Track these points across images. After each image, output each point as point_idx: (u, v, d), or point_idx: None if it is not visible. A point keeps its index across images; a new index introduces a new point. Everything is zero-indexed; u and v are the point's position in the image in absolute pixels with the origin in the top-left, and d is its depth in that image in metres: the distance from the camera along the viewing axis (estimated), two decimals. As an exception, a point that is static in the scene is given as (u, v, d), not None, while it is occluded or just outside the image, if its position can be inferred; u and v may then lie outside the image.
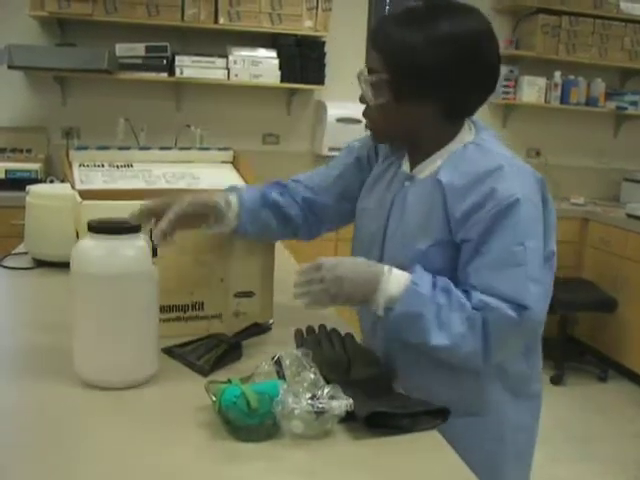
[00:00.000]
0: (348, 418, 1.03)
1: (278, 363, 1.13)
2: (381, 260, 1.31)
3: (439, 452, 1.02)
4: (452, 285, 1.19)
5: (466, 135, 1.30)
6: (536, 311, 1.18)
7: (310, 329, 1.38)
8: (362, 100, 1.30)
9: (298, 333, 1.37)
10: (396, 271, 1.21)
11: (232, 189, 1.42)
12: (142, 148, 1.75)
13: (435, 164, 1.29)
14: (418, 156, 1.33)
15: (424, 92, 1.23)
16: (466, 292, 1.19)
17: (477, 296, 1.17)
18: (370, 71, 1.26)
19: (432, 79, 1.21)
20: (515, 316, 1.16)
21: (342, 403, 1.01)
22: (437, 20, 1.20)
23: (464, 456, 1.03)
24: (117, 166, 1.55)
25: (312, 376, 1.07)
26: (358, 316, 1.50)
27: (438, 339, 1.16)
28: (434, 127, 1.28)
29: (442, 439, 1.06)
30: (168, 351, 1.32)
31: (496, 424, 1.33)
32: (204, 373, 1.23)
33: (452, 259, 1.24)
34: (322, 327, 1.39)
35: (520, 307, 1.16)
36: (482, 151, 1.25)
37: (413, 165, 1.34)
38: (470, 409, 1.30)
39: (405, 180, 1.34)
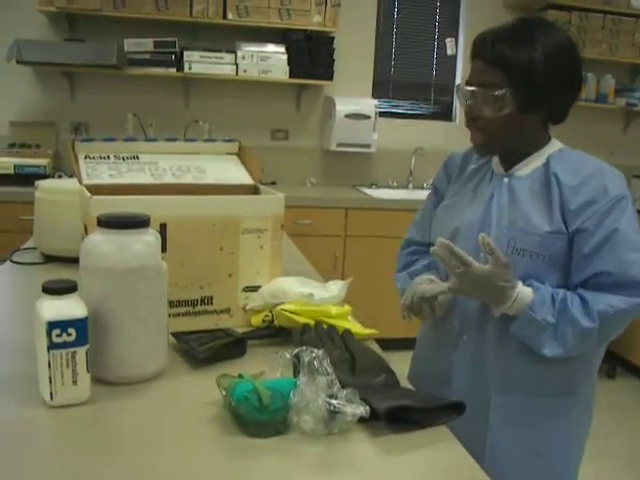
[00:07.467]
0: (363, 417, 1.02)
1: (297, 357, 1.12)
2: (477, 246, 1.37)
3: (449, 448, 1.02)
4: (569, 299, 1.33)
5: (557, 142, 1.47)
6: None
7: (307, 327, 1.36)
8: (471, 114, 1.41)
9: (296, 331, 1.36)
10: (523, 291, 1.34)
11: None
12: (148, 140, 1.75)
13: (535, 163, 1.44)
14: (512, 158, 1.46)
15: (541, 101, 1.37)
16: (582, 299, 1.33)
17: (602, 302, 1.31)
18: (485, 85, 1.36)
19: (548, 89, 1.36)
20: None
21: (357, 409, 1.00)
22: (544, 36, 1.34)
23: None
24: (123, 158, 1.54)
25: (328, 378, 1.05)
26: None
27: (551, 350, 1.34)
28: (537, 132, 1.44)
29: (451, 435, 1.05)
30: (175, 335, 1.34)
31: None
32: (199, 358, 1.25)
33: (561, 248, 1.36)
34: (319, 326, 1.37)
35: None
36: (581, 155, 1.43)
37: (507, 166, 1.48)
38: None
39: (503, 177, 1.47)
